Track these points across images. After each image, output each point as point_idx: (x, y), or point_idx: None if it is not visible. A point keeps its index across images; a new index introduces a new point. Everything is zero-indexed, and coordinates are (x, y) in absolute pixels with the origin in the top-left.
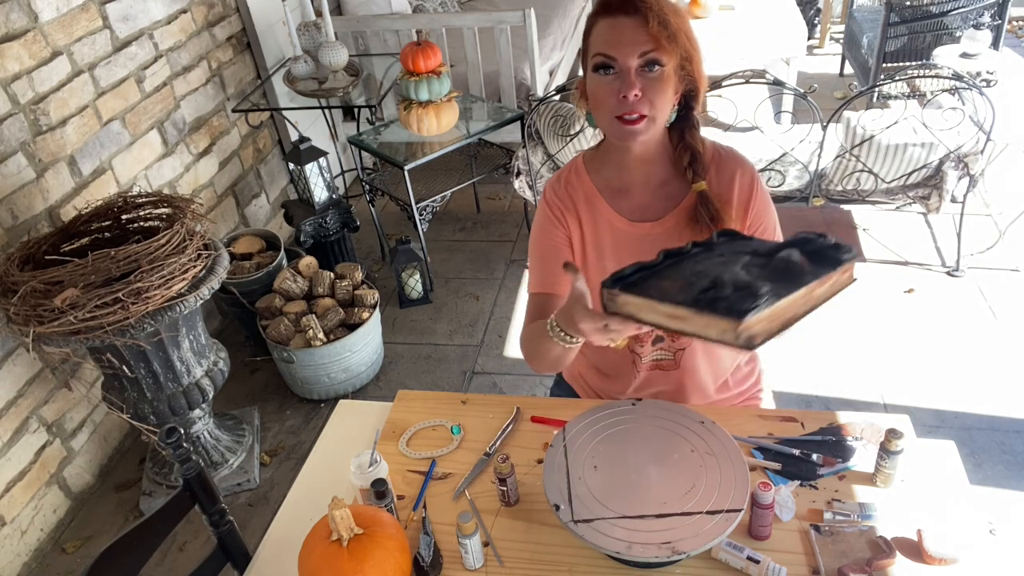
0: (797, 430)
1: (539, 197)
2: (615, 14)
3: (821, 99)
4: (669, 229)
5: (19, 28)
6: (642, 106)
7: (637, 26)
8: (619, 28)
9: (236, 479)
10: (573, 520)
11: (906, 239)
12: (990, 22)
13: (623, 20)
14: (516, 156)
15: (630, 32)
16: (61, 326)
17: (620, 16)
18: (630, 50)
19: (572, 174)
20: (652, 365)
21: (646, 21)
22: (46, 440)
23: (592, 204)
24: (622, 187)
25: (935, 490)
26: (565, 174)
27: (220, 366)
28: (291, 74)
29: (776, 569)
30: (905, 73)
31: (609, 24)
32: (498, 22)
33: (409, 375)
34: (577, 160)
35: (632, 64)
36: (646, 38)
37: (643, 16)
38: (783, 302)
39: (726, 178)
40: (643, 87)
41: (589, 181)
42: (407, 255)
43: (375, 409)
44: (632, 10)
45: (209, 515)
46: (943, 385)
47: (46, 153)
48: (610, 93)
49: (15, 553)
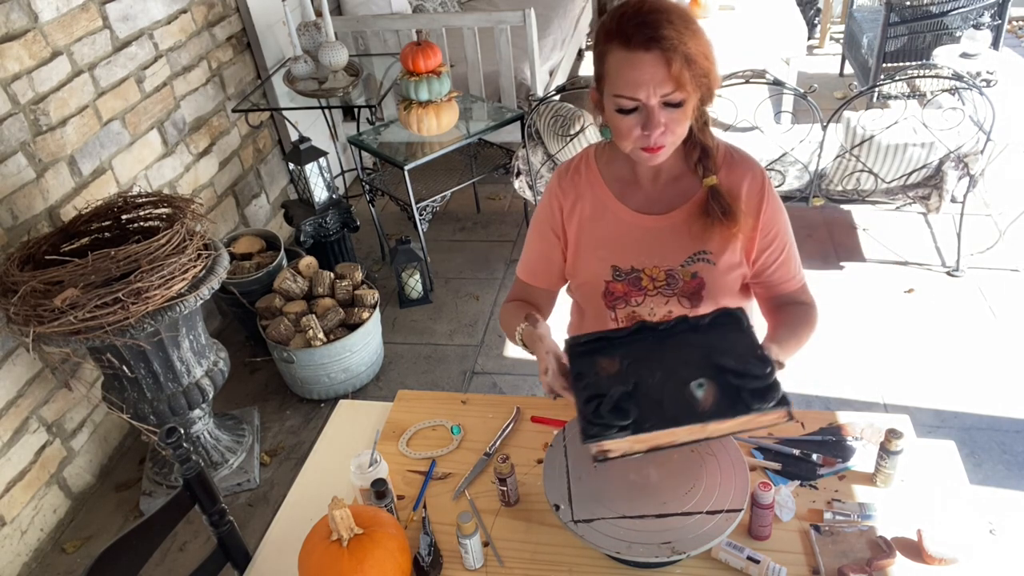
0: (797, 430)
1: (539, 198)
2: (634, 48)
3: (821, 99)
4: (677, 223)
5: (19, 28)
6: (664, 138)
7: (658, 64)
8: (640, 67)
9: (236, 479)
10: (573, 520)
11: (906, 239)
12: (990, 22)
13: (643, 57)
14: (516, 156)
15: (651, 71)
16: (61, 326)
17: (639, 52)
18: (653, 91)
19: (582, 164)
20: None
21: (668, 62)
22: (46, 440)
23: (598, 195)
24: (632, 181)
25: (935, 490)
26: (575, 163)
27: (220, 366)
28: (291, 74)
29: (776, 569)
30: (905, 73)
31: (629, 61)
32: (498, 22)
33: (409, 375)
34: (588, 151)
35: (655, 103)
36: (667, 78)
37: (665, 54)
38: (651, 434)
39: (736, 180)
40: (666, 121)
41: (598, 172)
42: (407, 255)
43: (375, 409)
44: (653, 45)
45: (209, 515)
46: (943, 385)
47: (46, 153)
48: (633, 127)
49: (15, 553)
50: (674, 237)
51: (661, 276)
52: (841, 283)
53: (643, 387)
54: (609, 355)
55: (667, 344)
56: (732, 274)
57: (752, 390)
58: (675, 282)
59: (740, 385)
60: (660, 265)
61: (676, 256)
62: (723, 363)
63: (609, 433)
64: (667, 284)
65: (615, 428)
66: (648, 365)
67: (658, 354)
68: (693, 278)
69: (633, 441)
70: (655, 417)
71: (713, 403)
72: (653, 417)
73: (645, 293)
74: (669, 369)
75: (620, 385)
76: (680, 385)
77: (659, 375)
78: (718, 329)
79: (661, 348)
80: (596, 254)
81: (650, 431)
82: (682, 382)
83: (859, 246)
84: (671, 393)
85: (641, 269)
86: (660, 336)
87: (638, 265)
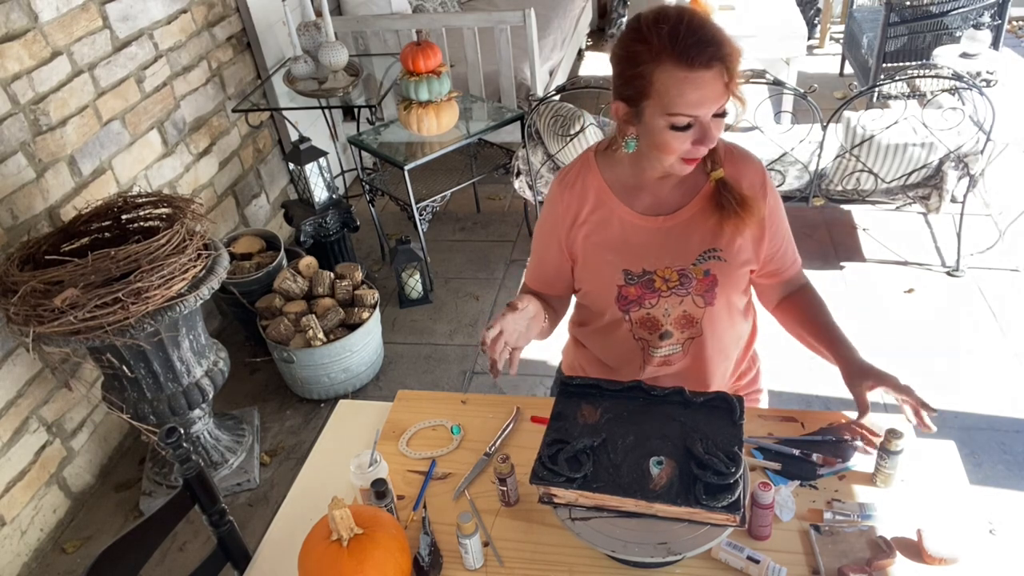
0: (797, 430)
1: (539, 198)
2: (695, 68)
3: (821, 99)
4: (685, 220)
5: (19, 28)
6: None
7: (718, 80)
8: (703, 86)
9: (236, 479)
10: (571, 517)
11: (906, 239)
12: (990, 22)
13: (705, 75)
14: (516, 156)
15: (711, 87)
16: (61, 326)
17: (701, 71)
18: (711, 107)
19: (583, 169)
20: (661, 361)
21: (728, 76)
22: (46, 440)
23: (603, 201)
24: (636, 184)
25: (935, 490)
26: (575, 169)
27: (220, 366)
28: (291, 74)
29: (776, 569)
30: (905, 73)
31: (690, 81)
32: (498, 22)
33: (409, 375)
34: (588, 156)
35: (709, 118)
36: (725, 92)
37: (722, 67)
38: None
39: (738, 175)
40: (714, 130)
41: (600, 178)
42: (407, 255)
43: (375, 409)
44: (716, 63)
45: (209, 515)
46: (943, 385)
47: (46, 153)
48: (684, 142)
49: (15, 553)
50: (684, 236)
51: (674, 276)
52: (841, 283)
53: (610, 445)
54: (595, 404)
55: (653, 410)
56: (742, 269)
57: (708, 484)
58: (688, 281)
59: (699, 476)
60: (672, 265)
61: (687, 255)
62: (693, 448)
63: (557, 480)
64: (680, 284)
65: (564, 478)
66: (625, 426)
67: (640, 418)
68: (706, 276)
69: (578, 495)
70: (606, 480)
71: (665, 484)
72: (604, 479)
73: (659, 294)
74: (642, 436)
75: (591, 437)
76: (644, 455)
77: (631, 439)
78: (709, 411)
79: (645, 413)
80: (605, 259)
81: (596, 492)
82: (648, 453)
83: (859, 246)
84: (632, 461)
85: (653, 271)
86: (650, 400)
87: (649, 267)
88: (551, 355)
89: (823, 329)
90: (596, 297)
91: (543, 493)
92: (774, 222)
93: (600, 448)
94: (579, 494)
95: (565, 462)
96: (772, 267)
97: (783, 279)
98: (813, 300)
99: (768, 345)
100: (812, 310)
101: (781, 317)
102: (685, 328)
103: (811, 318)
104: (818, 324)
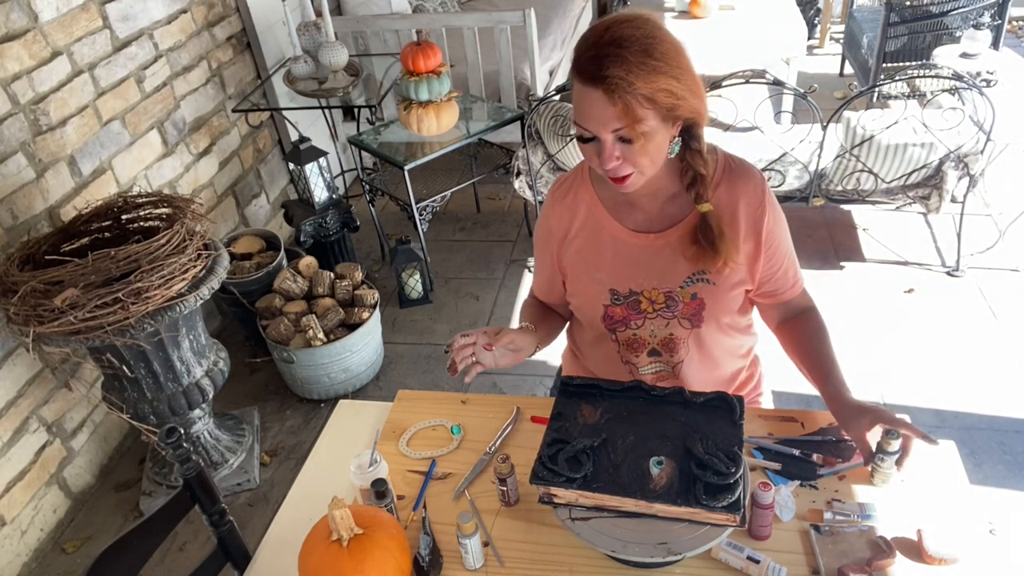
0: (797, 430)
1: (539, 198)
2: (583, 82)
3: (821, 99)
4: (672, 242)
5: (19, 28)
6: (624, 168)
7: (605, 102)
8: (589, 100)
9: (236, 479)
10: (571, 517)
11: (906, 239)
12: (990, 22)
13: (590, 92)
14: (516, 156)
15: (599, 107)
16: (61, 326)
17: (588, 87)
18: (602, 126)
19: (577, 181)
20: (650, 378)
21: (612, 101)
22: (46, 440)
23: (594, 214)
24: (627, 200)
25: (935, 490)
26: (569, 180)
27: (220, 366)
28: (291, 74)
29: (776, 569)
30: (905, 73)
31: (579, 93)
32: (498, 22)
33: (409, 375)
34: (583, 167)
35: (607, 136)
36: (614, 115)
37: (608, 94)
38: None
39: (735, 196)
40: (622, 153)
41: (593, 191)
42: (407, 255)
43: (375, 409)
44: (597, 84)
45: (209, 515)
46: (943, 385)
47: (46, 153)
48: (593, 155)
49: (15, 553)
50: (672, 257)
51: (660, 298)
52: (841, 283)
53: (610, 446)
54: (594, 404)
55: (653, 411)
56: (733, 292)
57: (708, 484)
58: (675, 304)
59: (699, 476)
60: (659, 287)
61: (675, 277)
62: (693, 448)
63: (557, 480)
64: (666, 307)
65: (564, 478)
66: (625, 426)
67: (640, 418)
68: (693, 299)
69: (579, 495)
70: (606, 480)
71: (665, 484)
72: (604, 479)
73: (645, 316)
74: (642, 436)
75: (591, 437)
76: (645, 455)
77: (631, 439)
78: (709, 411)
79: (645, 413)
80: (594, 277)
81: (596, 492)
82: (648, 453)
83: (859, 246)
84: (632, 461)
85: (640, 292)
86: (650, 400)
87: (636, 288)
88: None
89: (818, 363)
90: (583, 313)
91: (543, 493)
92: (773, 241)
93: (600, 448)
94: (579, 494)
95: (565, 462)
96: (769, 288)
97: (781, 300)
98: (812, 328)
99: (768, 345)
100: (810, 340)
101: (780, 339)
102: (673, 351)
103: (807, 348)
104: (813, 357)
